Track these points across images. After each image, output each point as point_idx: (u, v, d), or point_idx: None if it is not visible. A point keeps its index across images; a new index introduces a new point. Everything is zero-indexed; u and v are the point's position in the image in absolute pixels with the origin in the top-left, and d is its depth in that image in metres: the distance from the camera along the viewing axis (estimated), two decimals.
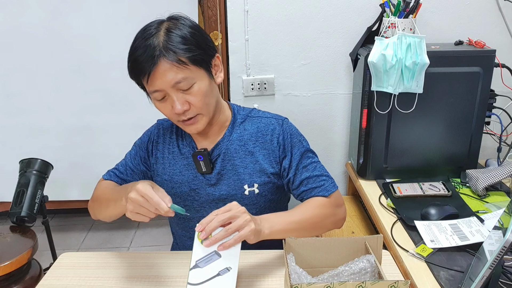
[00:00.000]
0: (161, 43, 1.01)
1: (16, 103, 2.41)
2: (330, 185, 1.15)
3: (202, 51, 1.05)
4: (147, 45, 1.01)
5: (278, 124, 1.19)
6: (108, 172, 1.29)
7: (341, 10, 1.83)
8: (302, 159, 1.17)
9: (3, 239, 1.67)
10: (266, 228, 0.99)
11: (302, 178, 1.15)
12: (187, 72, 1.02)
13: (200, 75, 1.05)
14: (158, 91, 1.04)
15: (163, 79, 1.01)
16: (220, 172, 1.18)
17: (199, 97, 1.05)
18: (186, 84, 1.03)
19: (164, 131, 1.25)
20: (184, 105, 1.05)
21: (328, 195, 1.13)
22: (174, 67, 1.01)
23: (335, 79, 1.93)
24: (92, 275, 1.08)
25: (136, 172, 1.26)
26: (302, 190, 1.16)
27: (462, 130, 1.63)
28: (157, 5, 2.14)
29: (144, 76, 1.02)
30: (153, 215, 0.95)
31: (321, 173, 1.17)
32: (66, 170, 2.48)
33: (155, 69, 1.00)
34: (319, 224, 1.10)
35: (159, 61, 1.00)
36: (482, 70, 1.55)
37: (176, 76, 1.01)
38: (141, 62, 1.01)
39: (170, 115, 1.09)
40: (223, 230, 0.93)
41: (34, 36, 2.28)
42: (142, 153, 1.26)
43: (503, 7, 1.81)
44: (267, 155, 1.17)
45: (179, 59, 1.01)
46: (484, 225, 1.30)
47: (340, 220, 1.16)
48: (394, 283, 0.80)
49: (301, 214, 1.08)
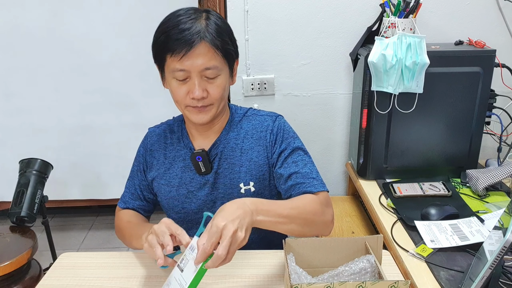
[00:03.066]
0: (204, 26, 1.03)
1: (17, 103, 2.41)
2: (319, 184, 1.11)
3: (234, 47, 1.10)
4: (187, 26, 1.02)
5: (272, 120, 1.20)
6: (122, 200, 1.27)
7: (341, 10, 1.83)
8: (292, 154, 1.15)
9: (3, 239, 1.67)
10: (255, 217, 0.93)
11: (290, 172, 1.12)
12: (218, 61, 1.05)
13: (225, 70, 1.08)
14: (184, 70, 1.04)
15: (196, 61, 1.02)
16: (217, 171, 1.18)
17: (219, 89, 1.07)
18: (213, 73, 1.05)
19: (157, 138, 1.25)
20: (203, 92, 1.06)
21: (316, 192, 1.09)
22: (210, 52, 1.03)
23: (335, 79, 1.93)
24: (92, 275, 1.08)
25: (143, 188, 1.26)
26: (290, 185, 1.12)
27: (462, 130, 1.63)
28: (157, 5, 2.14)
29: (179, 53, 1.02)
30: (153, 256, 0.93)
31: (311, 171, 1.13)
32: (66, 170, 2.48)
33: (193, 49, 1.01)
34: (309, 220, 1.04)
35: (200, 42, 1.01)
36: (482, 70, 1.55)
37: (209, 61, 1.03)
38: (179, 39, 1.01)
39: (182, 98, 1.08)
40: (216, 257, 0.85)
41: (34, 36, 2.28)
42: (143, 166, 1.26)
43: (503, 7, 1.81)
44: (262, 152, 1.17)
45: (218, 45, 1.03)
46: (484, 225, 1.30)
47: (329, 222, 1.10)
48: (394, 283, 0.80)
49: (291, 206, 1.03)
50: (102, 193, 2.61)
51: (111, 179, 2.57)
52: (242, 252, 1.13)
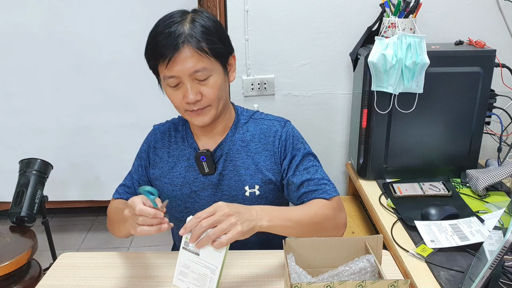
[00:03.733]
0: (187, 30, 1.02)
1: (16, 103, 2.41)
2: (332, 189, 1.13)
3: (223, 46, 1.08)
4: (172, 30, 1.02)
5: (280, 126, 1.19)
6: (117, 191, 1.27)
7: (341, 10, 1.83)
8: (303, 161, 1.16)
9: (3, 239, 1.67)
10: (265, 221, 0.97)
11: (303, 179, 1.13)
12: (206, 63, 1.04)
13: (217, 69, 1.07)
14: (174, 77, 1.04)
15: (183, 66, 1.02)
16: (222, 173, 1.17)
17: (213, 90, 1.06)
18: (203, 75, 1.04)
19: (162, 135, 1.25)
20: (197, 95, 1.05)
21: (329, 198, 1.11)
22: (196, 55, 1.02)
23: (335, 79, 1.93)
24: (92, 275, 1.08)
25: (143, 184, 1.25)
26: (302, 192, 1.13)
27: (462, 130, 1.63)
28: (157, 5, 2.13)
29: (164, 60, 1.02)
30: (152, 221, 0.91)
31: (323, 177, 1.15)
32: (66, 170, 2.48)
33: (177, 54, 1.01)
34: (320, 226, 1.07)
35: (183, 47, 1.01)
36: (482, 70, 1.55)
37: (196, 64, 1.02)
38: (164, 45, 1.02)
39: (180, 103, 1.09)
40: (206, 236, 0.89)
41: (33, 36, 2.28)
42: (144, 162, 1.25)
43: (503, 7, 1.81)
44: (269, 157, 1.17)
45: (202, 48, 1.02)
46: (484, 225, 1.30)
47: (341, 226, 1.12)
48: (394, 283, 0.80)
49: (303, 212, 1.06)
50: (102, 194, 2.60)
51: (110, 179, 2.56)
52: (242, 252, 1.13)
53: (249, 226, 0.93)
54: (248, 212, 0.95)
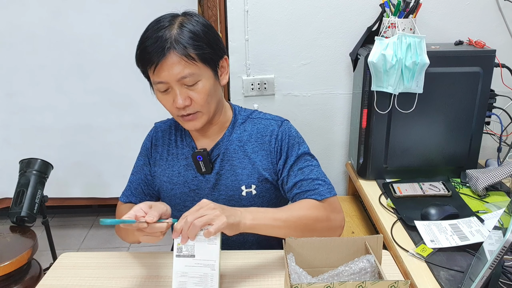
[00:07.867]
0: (173, 36, 1.02)
1: (18, 102, 2.42)
2: (325, 190, 1.11)
3: (212, 50, 1.06)
4: (159, 36, 1.02)
5: (277, 125, 1.18)
6: (123, 194, 1.26)
7: (341, 10, 1.83)
8: (298, 161, 1.15)
9: (3, 239, 1.67)
10: (248, 219, 0.97)
11: (295, 181, 1.13)
12: (194, 68, 1.03)
13: (207, 74, 1.06)
14: (162, 82, 1.04)
15: (170, 72, 1.02)
16: (219, 172, 1.18)
17: (202, 95, 1.06)
18: (191, 80, 1.04)
19: (162, 133, 1.25)
20: (186, 100, 1.05)
21: (321, 199, 1.09)
22: (182, 61, 1.01)
23: (335, 79, 1.93)
24: (92, 275, 1.08)
25: (148, 182, 1.25)
26: (295, 193, 1.13)
27: (462, 130, 1.63)
28: (157, 5, 2.14)
29: (152, 66, 1.03)
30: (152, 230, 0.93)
31: (317, 177, 1.13)
32: (67, 169, 2.49)
33: (163, 60, 1.01)
34: (310, 227, 1.05)
35: (169, 53, 1.00)
36: (482, 70, 1.56)
37: (183, 70, 1.02)
38: (151, 51, 1.02)
39: (171, 108, 1.09)
40: (192, 225, 0.90)
41: (35, 35, 2.29)
42: (148, 159, 1.25)
43: (503, 7, 1.81)
44: (265, 156, 1.17)
45: (189, 54, 1.02)
46: (484, 225, 1.30)
47: (336, 228, 1.10)
48: (394, 283, 0.80)
49: (290, 213, 1.05)
50: (103, 192, 2.61)
51: (112, 178, 2.57)
52: (241, 252, 1.14)
53: (235, 220, 0.94)
54: (232, 209, 0.97)
